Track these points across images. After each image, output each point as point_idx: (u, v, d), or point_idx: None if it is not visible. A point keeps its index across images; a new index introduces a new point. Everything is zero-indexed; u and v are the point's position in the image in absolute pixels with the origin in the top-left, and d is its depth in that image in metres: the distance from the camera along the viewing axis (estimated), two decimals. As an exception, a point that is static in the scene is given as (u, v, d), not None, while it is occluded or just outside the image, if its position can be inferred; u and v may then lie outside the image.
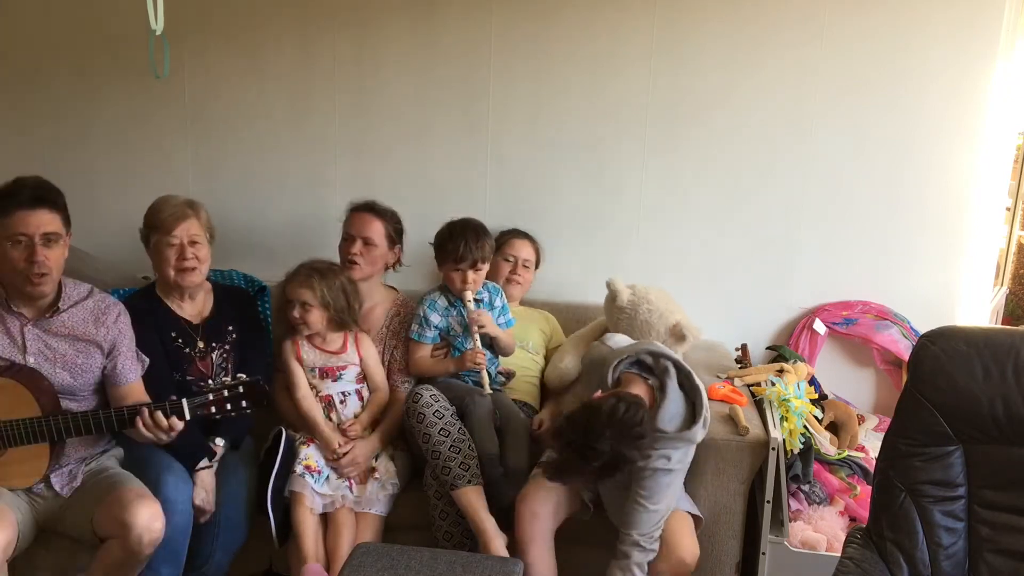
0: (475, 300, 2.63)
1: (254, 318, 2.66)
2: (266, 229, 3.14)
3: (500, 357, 2.70)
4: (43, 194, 2.11)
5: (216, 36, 3.03)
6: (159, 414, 2.06)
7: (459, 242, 2.56)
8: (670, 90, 2.90)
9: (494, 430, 2.50)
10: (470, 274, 2.59)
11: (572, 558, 2.34)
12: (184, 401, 2.08)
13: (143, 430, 2.07)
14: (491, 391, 2.54)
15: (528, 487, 2.31)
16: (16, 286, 2.13)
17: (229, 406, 2.10)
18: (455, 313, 2.66)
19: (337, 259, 2.69)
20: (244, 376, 2.15)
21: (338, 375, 2.55)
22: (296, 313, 2.51)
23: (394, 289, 2.85)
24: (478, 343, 2.58)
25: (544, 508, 2.26)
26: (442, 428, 2.39)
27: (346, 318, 2.55)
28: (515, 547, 2.28)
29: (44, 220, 2.09)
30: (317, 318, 2.51)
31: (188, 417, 2.08)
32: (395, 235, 2.73)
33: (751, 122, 2.89)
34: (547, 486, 2.26)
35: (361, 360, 2.58)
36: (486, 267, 2.65)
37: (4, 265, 2.10)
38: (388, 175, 3.06)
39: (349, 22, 2.97)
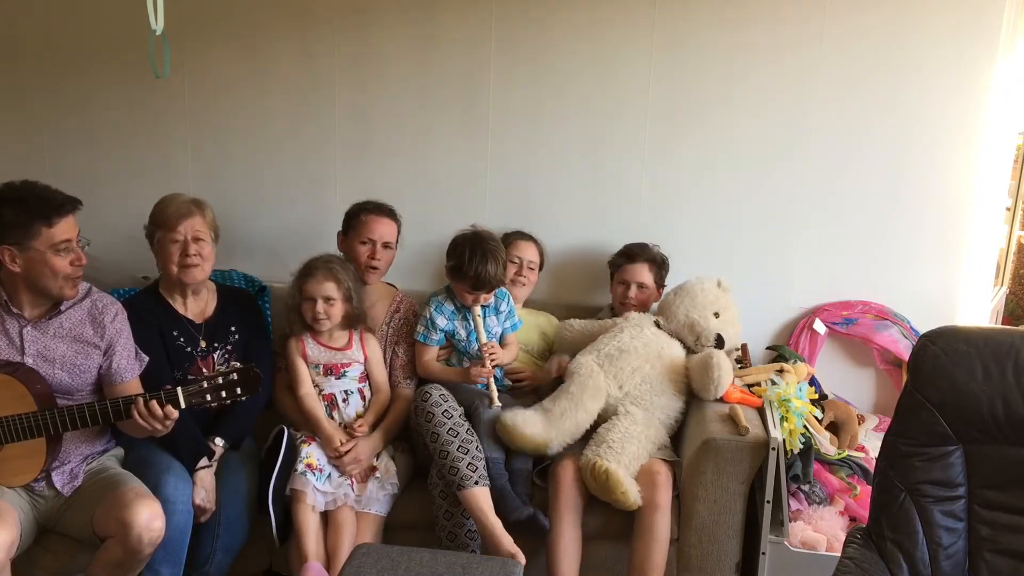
0: (483, 306, 2.63)
1: (258, 319, 2.65)
2: (266, 229, 3.14)
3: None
4: (70, 197, 2.14)
5: (216, 36, 3.03)
6: (154, 403, 2.06)
7: (479, 269, 2.52)
8: (670, 90, 2.90)
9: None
10: (483, 295, 2.59)
11: (588, 552, 2.39)
12: (179, 389, 2.08)
13: (139, 419, 2.07)
14: (500, 404, 2.54)
15: (565, 457, 2.43)
16: (50, 292, 2.14)
17: (224, 393, 2.10)
18: (461, 318, 2.66)
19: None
20: (237, 363, 2.16)
21: (342, 372, 2.55)
22: (320, 308, 2.49)
23: (392, 287, 2.85)
24: (487, 362, 2.57)
25: (580, 478, 2.38)
26: (450, 428, 2.39)
27: (360, 312, 2.56)
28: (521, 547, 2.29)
29: (75, 223, 2.14)
30: (339, 311, 2.51)
31: (183, 405, 2.08)
32: (399, 233, 2.74)
33: (751, 122, 2.89)
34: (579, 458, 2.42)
35: (366, 360, 2.58)
36: None
37: (44, 274, 2.10)
38: (388, 175, 3.06)
39: (349, 22, 2.97)
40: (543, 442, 2.43)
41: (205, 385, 2.09)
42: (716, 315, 2.64)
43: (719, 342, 2.60)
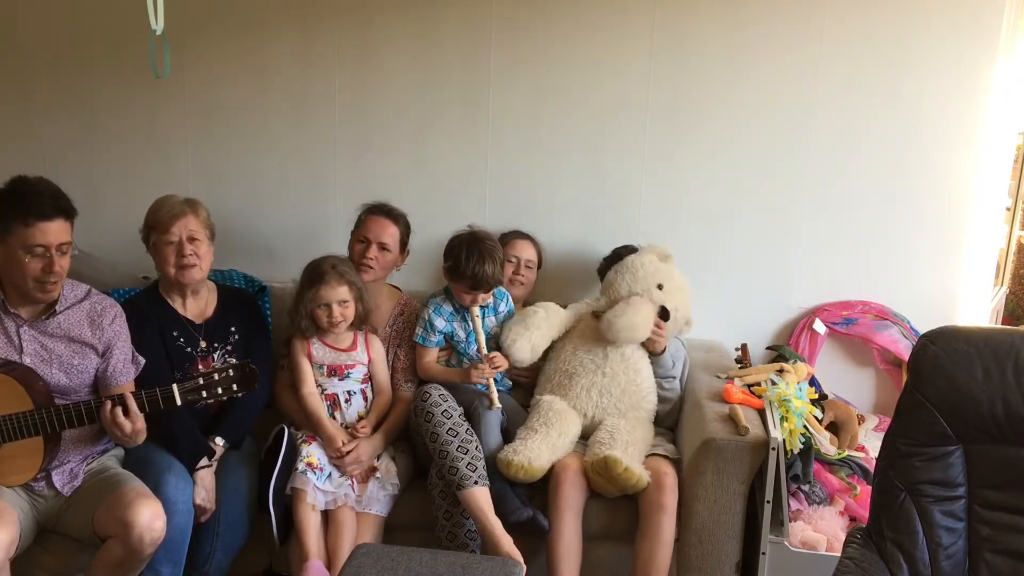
0: (481, 307, 2.63)
1: (258, 320, 2.65)
2: (266, 229, 3.14)
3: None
4: (61, 204, 2.11)
5: (216, 36, 3.03)
6: (118, 410, 2.05)
7: (476, 269, 2.52)
8: (670, 90, 2.90)
9: (500, 433, 2.51)
10: (480, 296, 2.59)
11: (589, 553, 2.39)
12: (175, 386, 2.08)
13: (109, 426, 2.07)
14: (500, 405, 2.55)
15: (565, 458, 2.44)
16: (24, 291, 2.13)
17: (220, 390, 2.10)
18: (459, 319, 2.66)
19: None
20: (233, 360, 2.15)
21: (346, 373, 2.55)
22: (337, 313, 2.49)
23: (397, 289, 2.85)
24: (488, 367, 2.57)
25: (578, 478, 2.38)
26: (450, 428, 2.39)
27: (368, 311, 2.57)
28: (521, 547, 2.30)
29: (62, 231, 2.10)
30: (352, 311, 2.52)
31: (179, 402, 2.08)
32: (406, 239, 2.73)
33: (751, 122, 2.89)
34: (580, 460, 2.44)
35: (370, 361, 2.58)
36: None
37: (16, 271, 2.10)
38: (388, 175, 3.06)
39: (349, 22, 2.97)
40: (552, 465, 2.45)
41: (201, 382, 2.10)
42: (660, 287, 2.66)
43: (663, 314, 2.61)
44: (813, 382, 2.77)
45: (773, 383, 2.52)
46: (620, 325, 2.51)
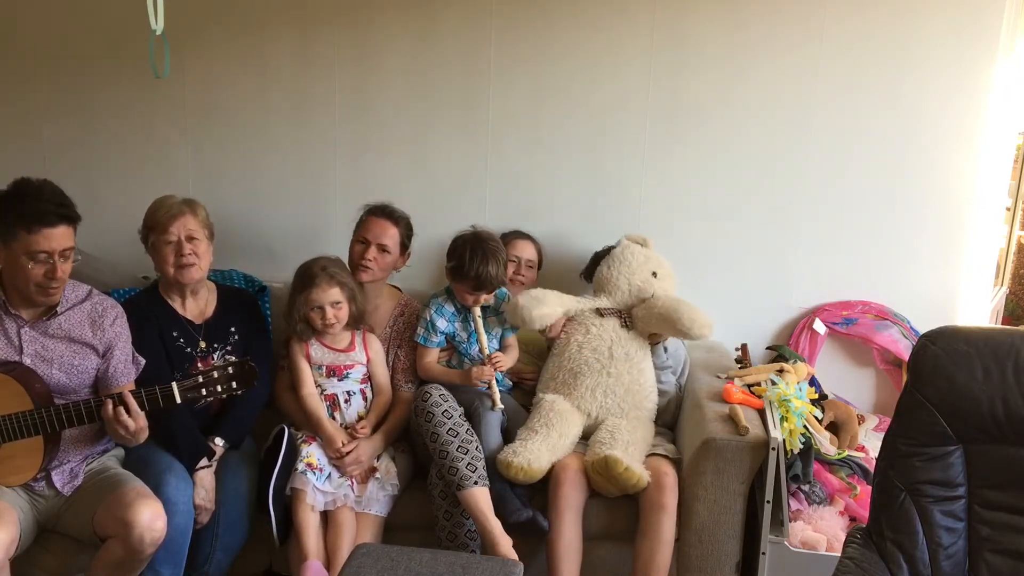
0: (483, 307, 2.63)
1: (258, 320, 2.65)
2: (266, 229, 3.14)
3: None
4: (66, 212, 2.10)
5: (216, 36, 3.03)
6: (120, 409, 2.06)
7: (480, 270, 2.52)
8: (670, 90, 2.90)
9: (500, 434, 2.52)
10: (483, 296, 2.59)
11: (589, 553, 2.39)
12: (174, 384, 2.08)
13: (108, 423, 2.07)
14: (502, 406, 2.55)
15: (565, 458, 2.45)
16: (26, 295, 2.13)
17: (219, 387, 2.10)
18: (461, 320, 2.66)
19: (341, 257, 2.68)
20: (233, 358, 2.15)
21: (345, 373, 2.55)
22: (330, 315, 2.49)
23: (398, 289, 2.85)
24: (490, 367, 2.57)
25: (579, 478, 2.39)
26: (450, 428, 2.39)
27: (362, 310, 2.57)
28: (521, 547, 2.30)
29: (65, 237, 2.10)
30: (346, 312, 2.52)
31: (179, 400, 2.08)
32: (407, 241, 2.73)
33: (751, 122, 2.89)
34: (580, 460, 2.44)
35: (369, 361, 2.58)
36: None
37: (18, 276, 2.10)
38: (388, 175, 3.06)
39: (349, 22, 2.97)
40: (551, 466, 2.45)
41: (201, 380, 2.10)
42: (654, 274, 2.70)
43: None
44: (813, 382, 2.77)
45: (773, 383, 2.52)
46: (704, 319, 2.50)
